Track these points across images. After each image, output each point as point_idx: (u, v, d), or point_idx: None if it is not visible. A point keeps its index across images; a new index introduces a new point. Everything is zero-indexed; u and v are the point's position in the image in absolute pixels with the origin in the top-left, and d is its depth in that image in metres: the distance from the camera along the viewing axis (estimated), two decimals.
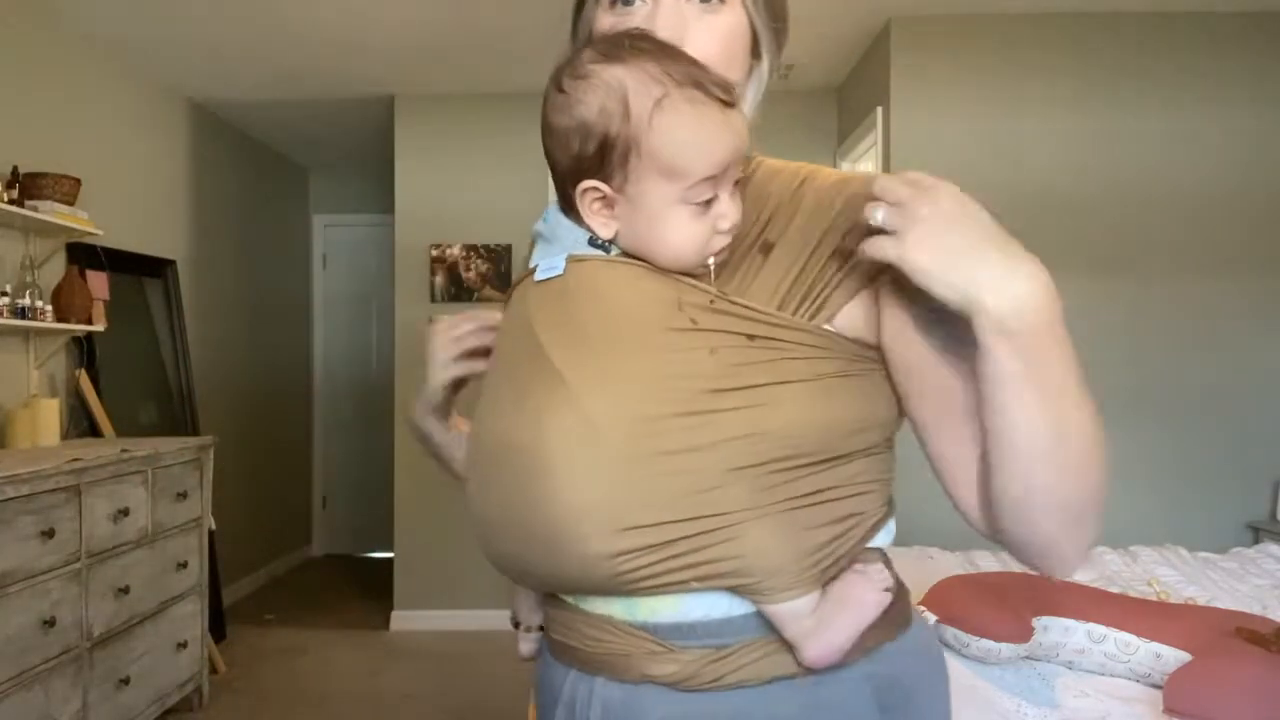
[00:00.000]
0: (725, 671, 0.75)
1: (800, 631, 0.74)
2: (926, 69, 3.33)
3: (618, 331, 0.74)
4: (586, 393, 0.72)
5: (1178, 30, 3.30)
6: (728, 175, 0.74)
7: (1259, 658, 1.64)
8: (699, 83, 0.72)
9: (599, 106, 0.73)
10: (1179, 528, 3.19)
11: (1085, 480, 0.71)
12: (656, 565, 0.72)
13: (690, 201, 0.74)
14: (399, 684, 3.63)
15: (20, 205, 2.91)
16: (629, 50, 0.74)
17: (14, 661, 2.30)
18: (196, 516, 3.27)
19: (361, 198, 5.82)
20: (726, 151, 0.73)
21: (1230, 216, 3.28)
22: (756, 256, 0.79)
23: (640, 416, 0.71)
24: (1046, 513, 0.71)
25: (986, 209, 0.70)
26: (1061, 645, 1.86)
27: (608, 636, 0.78)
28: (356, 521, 5.88)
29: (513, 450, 0.74)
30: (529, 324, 0.78)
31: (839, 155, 4.09)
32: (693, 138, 0.72)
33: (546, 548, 0.73)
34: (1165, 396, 3.27)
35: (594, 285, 0.77)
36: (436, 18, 3.35)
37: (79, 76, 3.51)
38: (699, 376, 0.72)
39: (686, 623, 0.76)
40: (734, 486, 0.71)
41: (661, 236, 0.75)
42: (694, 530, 0.71)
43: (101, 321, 3.30)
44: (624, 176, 0.74)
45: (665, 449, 0.70)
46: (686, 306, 0.75)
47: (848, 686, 0.77)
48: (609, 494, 0.70)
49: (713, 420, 0.71)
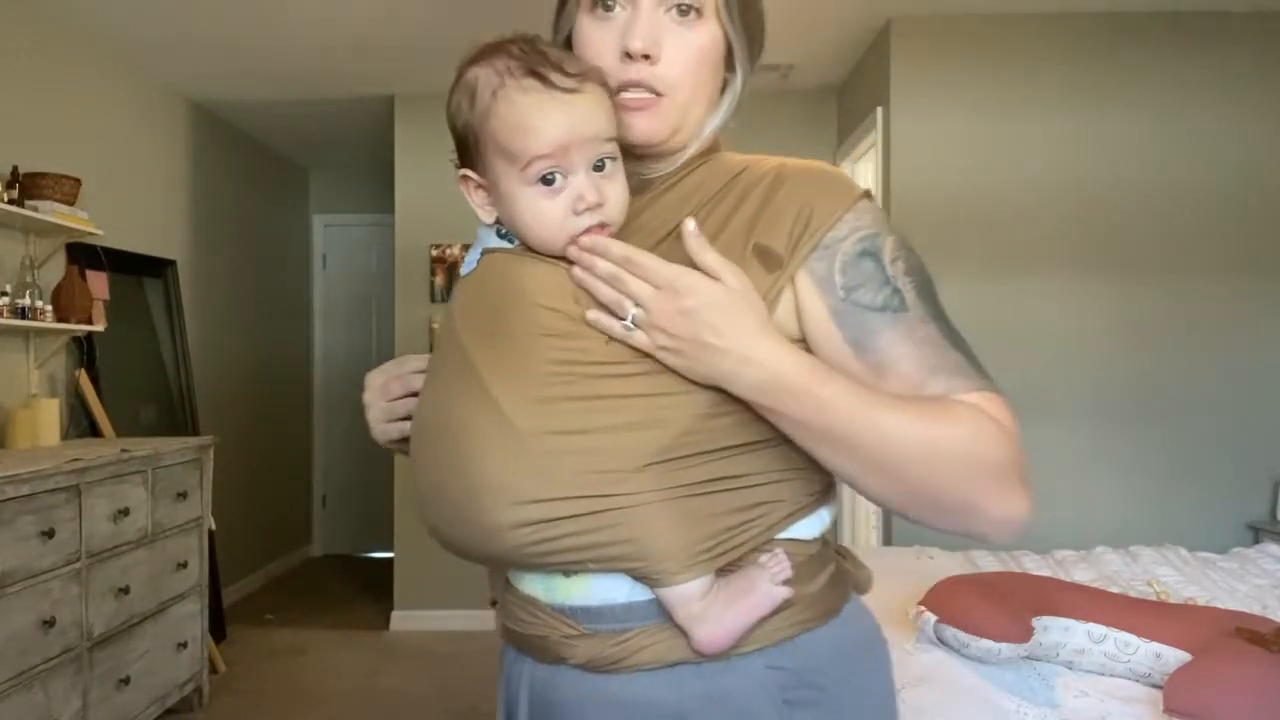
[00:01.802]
0: (626, 654, 0.78)
1: (689, 616, 0.76)
2: (926, 69, 3.33)
3: (518, 319, 0.79)
4: (491, 377, 0.77)
5: (1178, 30, 3.29)
6: (571, 156, 0.78)
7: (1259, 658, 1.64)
8: (536, 73, 0.78)
9: (457, 103, 0.82)
10: (1179, 528, 3.19)
11: (899, 485, 0.74)
12: (553, 541, 0.75)
13: (530, 181, 0.79)
14: (399, 684, 3.63)
15: (20, 205, 2.91)
16: (492, 50, 0.81)
17: (14, 661, 2.30)
18: (196, 516, 3.27)
19: (361, 198, 5.82)
20: (557, 132, 0.77)
21: (1230, 217, 3.28)
22: (675, 244, 0.81)
23: (536, 398, 0.75)
24: (898, 508, 0.77)
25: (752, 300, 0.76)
26: (1061, 645, 1.86)
27: (532, 618, 0.83)
28: (356, 521, 5.88)
29: (437, 430, 0.80)
30: (453, 316, 0.85)
31: (839, 155, 4.09)
32: (521, 121, 0.78)
33: (462, 518, 0.78)
34: (1165, 397, 3.27)
35: (500, 276, 0.82)
36: (436, 18, 3.35)
37: (79, 76, 3.51)
38: (593, 364, 0.76)
39: (594, 606, 0.79)
40: (627, 470, 0.74)
41: (519, 216, 0.81)
42: (586, 509, 0.74)
43: (101, 321, 3.31)
44: (483, 164, 0.82)
45: (558, 429, 0.74)
46: (581, 298, 0.78)
47: (748, 675, 0.78)
48: (509, 469, 0.75)
49: (607, 405, 0.75)
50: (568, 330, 0.77)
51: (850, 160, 3.99)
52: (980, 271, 3.30)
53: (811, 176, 0.83)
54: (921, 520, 0.77)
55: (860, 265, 0.79)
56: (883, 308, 0.78)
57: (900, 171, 3.34)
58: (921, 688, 1.71)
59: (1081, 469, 3.27)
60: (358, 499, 5.87)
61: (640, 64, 0.81)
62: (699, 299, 0.73)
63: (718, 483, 0.76)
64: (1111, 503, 3.27)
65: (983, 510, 0.74)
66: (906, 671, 1.78)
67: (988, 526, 0.75)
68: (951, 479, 0.73)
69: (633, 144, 0.84)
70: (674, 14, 0.82)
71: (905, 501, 0.76)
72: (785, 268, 0.79)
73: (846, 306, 0.78)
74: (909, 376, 0.77)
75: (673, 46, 0.82)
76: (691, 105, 0.84)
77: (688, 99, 0.84)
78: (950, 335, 0.80)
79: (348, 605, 4.75)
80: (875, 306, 0.78)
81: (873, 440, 0.72)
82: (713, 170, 0.87)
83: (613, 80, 0.82)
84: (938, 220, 3.31)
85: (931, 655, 1.83)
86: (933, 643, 1.86)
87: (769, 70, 3.88)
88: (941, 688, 1.70)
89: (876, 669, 0.87)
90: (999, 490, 0.73)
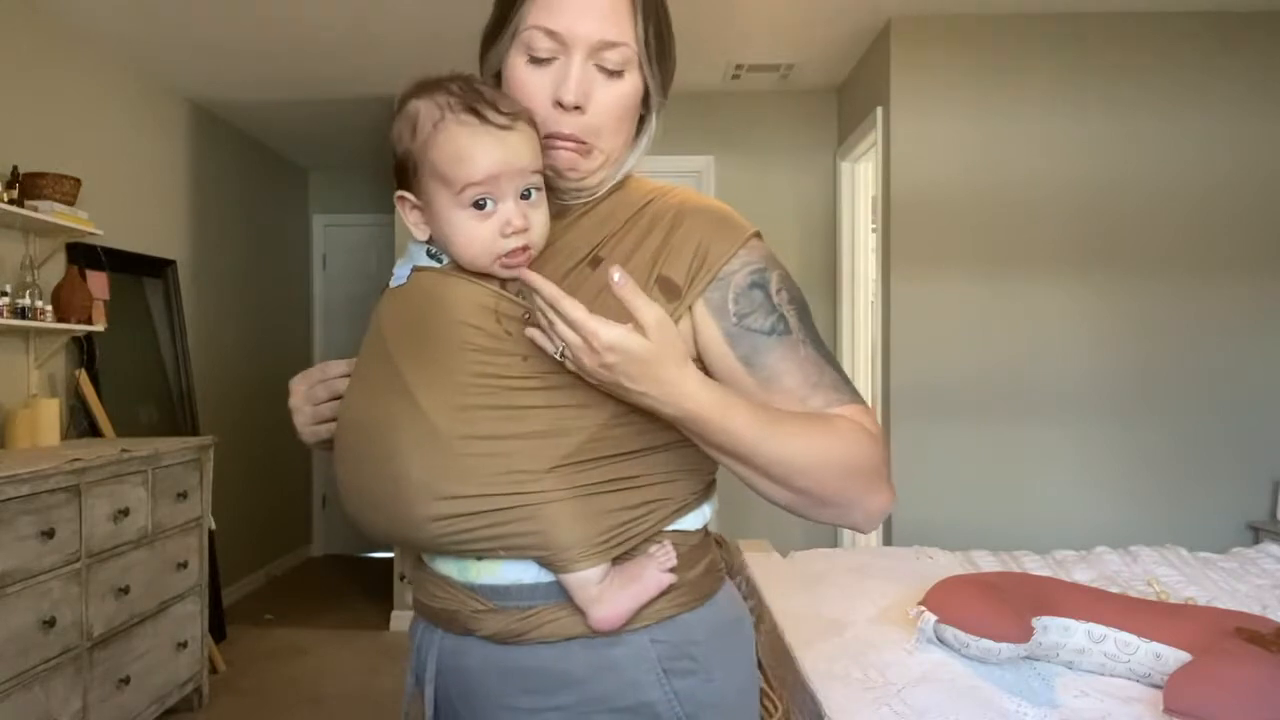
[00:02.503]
0: (530, 628, 0.88)
1: (587, 598, 0.86)
2: (926, 69, 3.33)
3: (443, 333, 0.87)
4: (416, 385, 0.86)
5: (1178, 30, 3.30)
6: (501, 185, 0.86)
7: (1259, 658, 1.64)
8: (474, 109, 0.86)
9: (398, 130, 0.90)
10: (1179, 528, 3.19)
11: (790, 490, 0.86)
12: (467, 532, 0.84)
13: (464, 205, 0.87)
14: (399, 684, 3.62)
15: (20, 205, 2.91)
16: (433, 86, 0.89)
17: (14, 661, 2.30)
18: (196, 516, 3.27)
19: (361, 198, 5.82)
20: (490, 162, 0.85)
21: (1230, 217, 3.28)
22: (585, 270, 0.91)
23: (458, 405, 0.84)
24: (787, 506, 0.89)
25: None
26: (1061, 645, 1.86)
27: (444, 594, 0.92)
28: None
29: (362, 429, 0.89)
30: (379, 326, 0.93)
31: (839, 155, 4.09)
32: (458, 151, 0.86)
33: (385, 509, 0.87)
34: (1165, 396, 3.27)
35: (429, 293, 0.90)
36: (436, 17, 3.35)
37: (79, 76, 3.51)
38: (510, 378, 0.85)
39: (503, 585, 0.89)
40: (538, 471, 0.84)
41: (451, 236, 0.89)
42: (499, 505, 0.83)
43: (101, 321, 3.30)
44: (419, 186, 0.90)
45: (477, 433, 0.84)
46: (503, 318, 0.87)
47: (635, 649, 0.89)
48: (430, 467, 0.84)
49: (521, 415, 0.85)
50: (488, 346, 0.86)
51: (850, 160, 4.00)
52: (980, 271, 3.31)
53: (708, 217, 0.93)
54: (806, 516, 0.89)
55: (751, 295, 0.90)
56: (770, 331, 0.90)
57: (900, 171, 3.34)
58: (921, 688, 1.71)
59: (1081, 469, 3.27)
60: None
61: (572, 114, 0.90)
62: (617, 356, 0.78)
63: (615, 483, 0.87)
64: (1111, 503, 3.27)
65: (859, 506, 0.88)
66: (906, 671, 1.78)
67: (860, 518, 0.89)
68: (835, 483, 0.86)
69: (560, 181, 0.94)
70: (602, 72, 0.90)
71: (794, 502, 0.88)
72: (684, 298, 0.89)
73: (739, 330, 0.89)
74: (793, 390, 0.89)
75: (600, 98, 0.91)
76: (611, 146, 0.94)
77: (609, 142, 0.93)
78: (824, 355, 0.92)
79: (348, 605, 4.75)
80: (764, 330, 0.89)
81: (772, 459, 0.84)
82: (622, 199, 0.97)
83: (544, 125, 0.90)
84: (937, 220, 3.31)
85: (931, 655, 1.83)
86: (933, 643, 1.86)
87: (769, 70, 3.88)
88: (941, 688, 1.70)
89: (743, 645, 0.98)
90: (872, 489, 0.87)
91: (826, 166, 4.17)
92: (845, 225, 4.05)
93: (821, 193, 4.16)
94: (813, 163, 4.17)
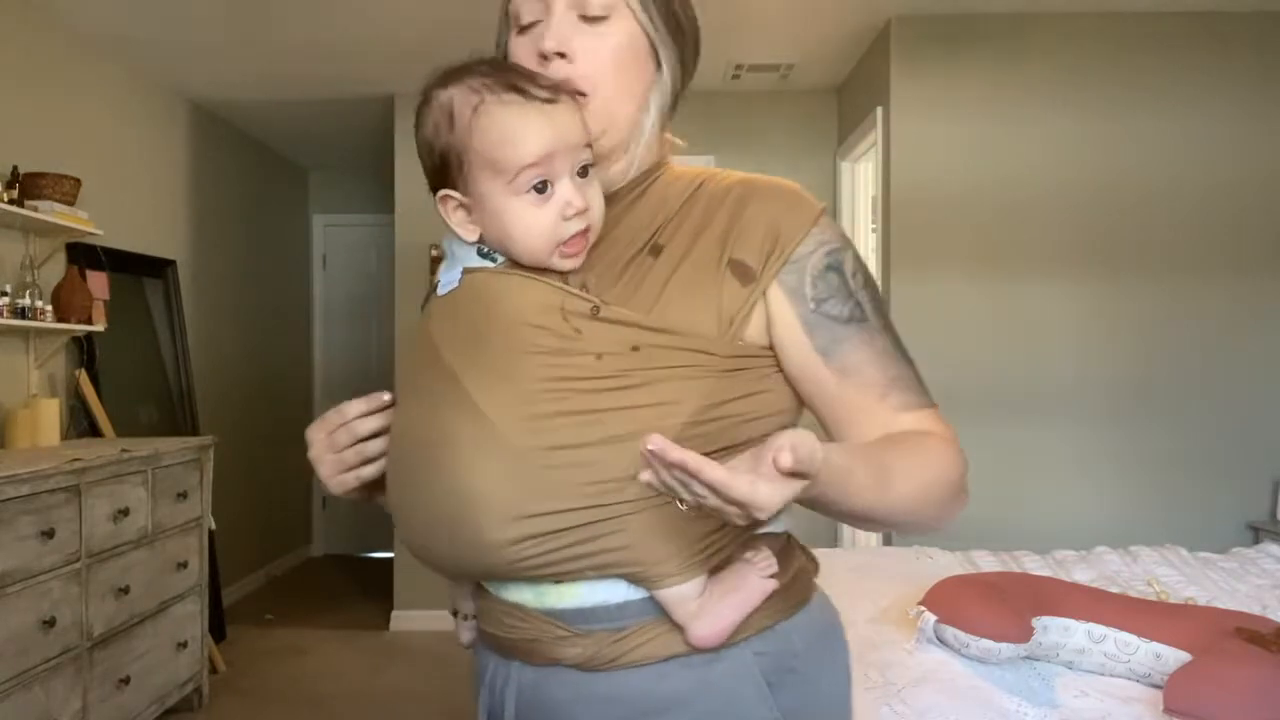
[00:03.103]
0: (623, 651, 0.80)
1: (687, 614, 0.79)
2: (926, 69, 3.33)
3: (505, 337, 0.80)
4: (481, 393, 0.78)
5: (1178, 30, 3.29)
6: (556, 164, 0.80)
7: (1259, 658, 1.64)
8: (514, 86, 0.80)
9: (433, 124, 0.84)
10: (1179, 528, 3.19)
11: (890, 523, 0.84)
12: (551, 554, 0.77)
13: (520, 191, 0.80)
14: (399, 684, 3.63)
15: (20, 205, 2.91)
16: (461, 72, 0.83)
17: (14, 661, 2.30)
18: (196, 516, 3.27)
19: (361, 198, 5.82)
20: (543, 140, 0.79)
21: (1230, 216, 3.28)
22: (647, 259, 0.85)
23: (530, 414, 0.77)
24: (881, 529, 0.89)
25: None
26: (1061, 645, 1.86)
27: (520, 623, 0.84)
28: (356, 521, 5.88)
29: (420, 447, 0.82)
30: (430, 335, 0.86)
31: (839, 155, 4.09)
32: (506, 132, 0.80)
33: (451, 535, 0.79)
34: (1165, 396, 3.27)
35: (485, 295, 0.84)
36: (436, 18, 3.35)
37: (79, 76, 3.51)
38: (585, 379, 0.78)
39: (587, 607, 0.81)
40: (622, 480, 0.75)
41: (508, 230, 0.82)
42: (584, 520, 0.76)
43: (101, 321, 3.30)
44: (465, 181, 0.83)
45: (555, 444, 0.76)
46: (571, 316, 0.80)
47: (737, 664, 0.82)
48: (504, 484, 0.76)
49: (600, 419, 0.77)
50: (556, 347, 0.79)
51: (850, 160, 4.00)
52: (980, 270, 3.30)
53: (777, 194, 0.87)
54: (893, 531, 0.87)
55: (827, 278, 0.85)
56: (848, 319, 0.84)
57: (900, 171, 3.34)
58: (921, 688, 1.71)
59: (1081, 469, 3.27)
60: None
61: (557, 63, 0.84)
62: (763, 511, 0.67)
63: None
64: (1111, 503, 3.27)
65: (944, 519, 0.86)
66: (906, 672, 1.78)
67: (938, 527, 0.87)
68: (934, 509, 0.84)
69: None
70: (585, 21, 0.85)
71: (889, 526, 0.84)
72: (759, 281, 0.83)
73: (816, 318, 0.84)
74: (872, 385, 0.85)
75: (586, 44, 0.84)
76: (616, 104, 0.86)
77: (611, 96, 0.85)
78: (897, 344, 0.87)
79: (348, 605, 4.75)
80: (842, 318, 0.84)
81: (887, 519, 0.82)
82: (670, 183, 0.90)
83: None
84: (937, 220, 3.31)
85: (931, 655, 1.83)
86: (933, 643, 1.86)
87: (769, 70, 3.88)
88: (941, 688, 1.70)
89: (840, 651, 0.94)
90: (958, 502, 0.86)
91: (826, 166, 4.18)
92: (845, 225, 4.05)
93: (821, 193, 4.16)
94: (813, 163, 4.17)
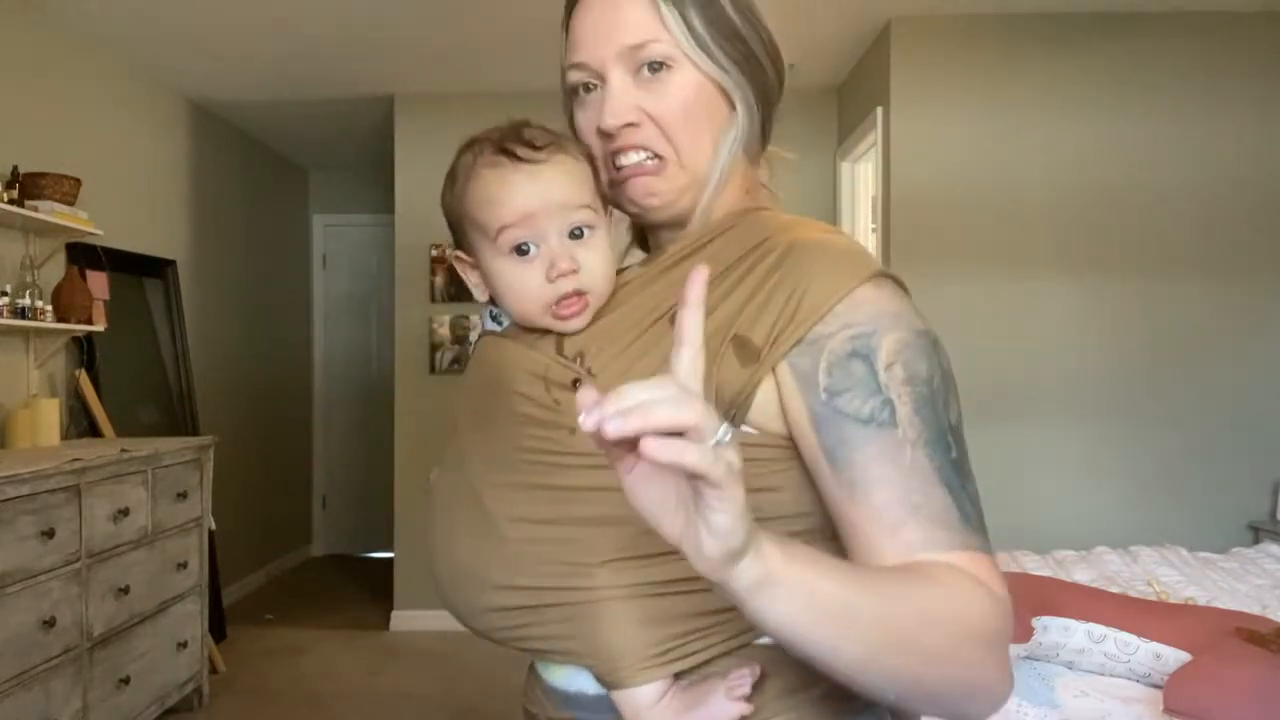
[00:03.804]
0: None
1: (633, 714, 0.71)
2: (926, 69, 3.33)
3: (500, 404, 0.79)
4: (470, 459, 0.79)
5: (1178, 30, 3.29)
6: (539, 224, 0.79)
7: (1259, 658, 1.64)
8: (504, 149, 0.80)
9: (445, 189, 0.85)
10: (1179, 528, 3.19)
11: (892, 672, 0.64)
12: (522, 629, 0.75)
13: (504, 252, 0.80)
14: (399, 684, 3.63)
15: (20, 205, 2.91)
16: (478, 138, 0.83)
17: (14, 661, 2.30)
18: (196, 516, 3.27)
19: (361, 198, 5.82)
20: (523, 201, 0.78)
21: (1230, 217, 3.28)
22: (664, 326, 0.76)
23: (511, 484, 0.75)
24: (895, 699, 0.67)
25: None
26: (1061, 645, 1.86)
27: (533, 693, 0.82)
28: (356, 521, 5.88)
29: (433, 506, 0.83)
30: (459, 394, 0.88)
31: (839, 155, 4.09)
32: (488, 194, 0.80)
33: (454, 593, 0.79)
34: (1165, 396, 3.27)
35: (486, 360, 0.84)
36: (436, 18, 3.35)
37: (79, 76, 3.50)
38: (561, 453, 0.74)
39: (570, 692, 0.77)
40: (591, 564, 0.71)
41: (502, 290, 0.82)
42: (551, 600, 0.73)
43: (101, 321, 3.30)
44: (469, 243, 0.84)
45: (531, 517, 0.74)
46: (552, 386, 0.77)
47: None
48: (482, 553, 0.75)
49: (570, 497, 0.73)
50: (538, 417, 0.76)
51: (850, 160, 4.00)
52: (980, 271, 3.30)
53: (814, 256, 0.74)
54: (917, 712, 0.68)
55: (849, 367, 0.69)
56: (868, 420, 0.68)
57: (900, 171, 3.34)
58: None
59: (1082, 469, 3.27)
60: (358, 499, 5.87)
61: (623, 134, 0.80)
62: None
63: (682, 583, 0.69)
64: (1112, 502, 3.27)
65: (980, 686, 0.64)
66: None
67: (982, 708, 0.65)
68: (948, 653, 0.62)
69: (650, 213, 0.82)
70: (645, 74, 0.79)
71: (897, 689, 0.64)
72: (761, 363, 0.71)
73: (828, 411, 0.69)
74: (884, 509, 0.66)
75: (649, 105, 0.79)
76: (695, 157, 0.80)
77: (689, 152, 0.80)
78: (945, 466, 0.68)
79: (348, 605, 4.75)
80: (860, 417, 0.68)
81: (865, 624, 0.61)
82: (736, 237, 0.79)
83: (605, 163, 0.82)
84: (937, 220, 3.31)
85: None
86: None
87: None
88: None
89: None
90: (997, 663, 0.64)
91: (826, 166, 4.17)
92: (845, 225, 4.04)
93: (822, 193, 4.16)
94: (813, 163, 4.16)
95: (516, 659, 0.92)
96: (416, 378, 4.34)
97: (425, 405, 4.27)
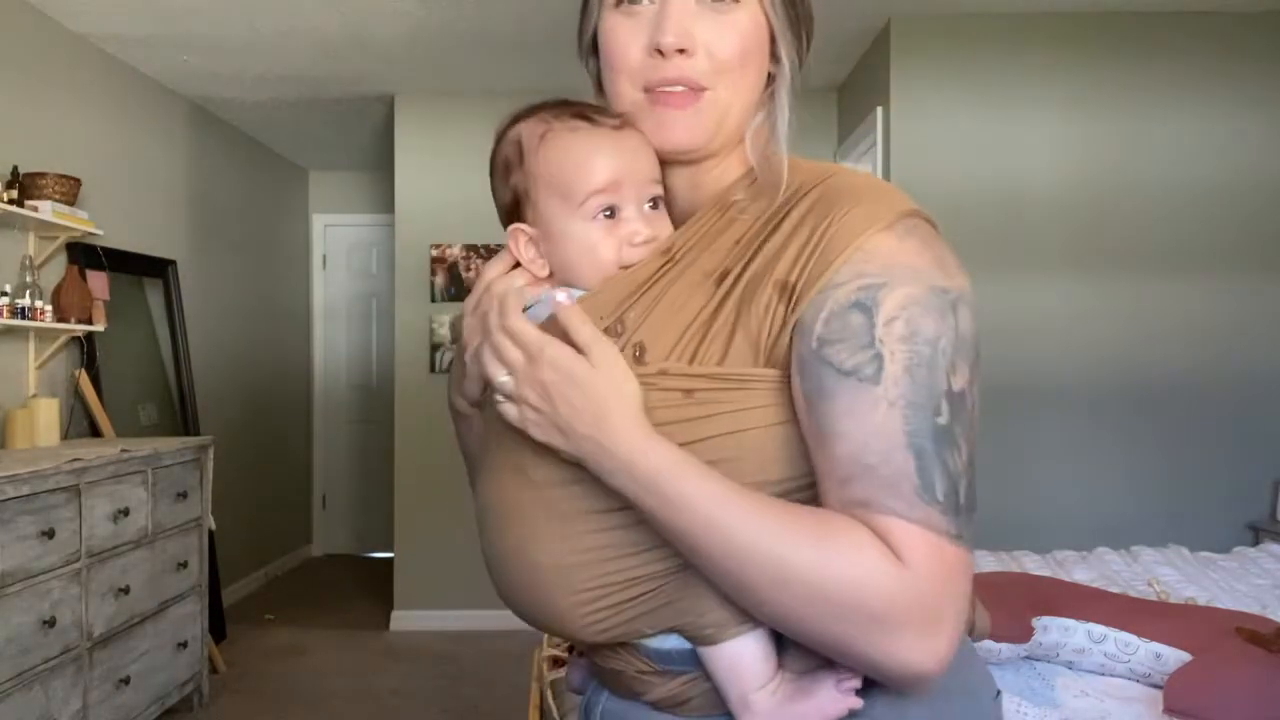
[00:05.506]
0: (693, 694, 0.77)
1: (739, 700, 0.73)
2: (926, 69, 3.33)
3: None
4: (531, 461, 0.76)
5: (1178, 30, 3.29)
6: (624, 191, 0.77)
7: (1259, 658, 1.64)
8: (582, 114, 0.78)
9: (504, 159, 0.82)
10: (1179, 528, 3.19)
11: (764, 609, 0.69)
12: (613, 619, 0.74)
13: (588, 216, 0.77)
14: (399, 684, 3.63)
15: (20, 205, 2.91)
16: (532, 109, 0.81)
17: (14, 661, 2.30)
18: (196, 516, 3.27)
19: (361, 198, 5.82)
20: (610, 166, 0.76)
21: (1232, 216, 3.28)
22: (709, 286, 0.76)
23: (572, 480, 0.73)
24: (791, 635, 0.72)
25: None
26: (1061, 645, 1.86)
27: (612, 652, 0.80)
28: (356, 521, 5.88)
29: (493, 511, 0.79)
30: None
31: (839, 155, 4.09)
32: (573, 157, 0.77)
33: (532, 599, 0.77)
34: (1166, 396, 3.27)
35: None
36: (436, 18, 3.35)
37: (79, 76, 3.50)
38: None
39: (665, 649, 0.77)
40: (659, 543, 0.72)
41: (571, 254, 0.78)
42: (636, 589, 0.73)
43: (101, 321, 3.30)
44: (534, 211, 0.80)
45: (592, 509, 0.73)
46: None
47: None
48: (558, 551, 0.74)
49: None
50: None
51: (850, 160, 3.99)
52: (980, 270, 3.29)
53: (844, 199, 0.72)
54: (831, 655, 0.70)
55: (847, 318, 0.68)
56: (848, 373, 0.66)
57: (900, 171, 3.33)
58: None
59: (1082, 468, 3.27)
60: (358, 499, 5.87)
61: (674, 59, 0.75)
62: (558, 373, 0.69)
63: None
64: (1112, 503, 3.27)
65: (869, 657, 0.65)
66: None
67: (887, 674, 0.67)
68: (808, 611, 0.65)
69: (669, 151, 0.79)
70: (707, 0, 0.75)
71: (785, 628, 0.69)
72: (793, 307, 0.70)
73: (813, 359, 0.68)
74: (839, 463, 0.66)
75: (708, 35, 0.75)
76: (732, 102, 0.77)
77: (730, 95, 0.77)
78: (921, 431, 0.65)
79: (348, 605, 4.75)
80: (841, 369, 0.67)
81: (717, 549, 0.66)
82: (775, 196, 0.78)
83: (641, 80, 0.77)
84: (937, 220, 3.30)
85: None
86: None
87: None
88: None
89: None
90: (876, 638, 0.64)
91: None
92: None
93: None
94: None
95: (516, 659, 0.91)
96: (416, 378, 4.34)
97: (425, 405, 4.27)
